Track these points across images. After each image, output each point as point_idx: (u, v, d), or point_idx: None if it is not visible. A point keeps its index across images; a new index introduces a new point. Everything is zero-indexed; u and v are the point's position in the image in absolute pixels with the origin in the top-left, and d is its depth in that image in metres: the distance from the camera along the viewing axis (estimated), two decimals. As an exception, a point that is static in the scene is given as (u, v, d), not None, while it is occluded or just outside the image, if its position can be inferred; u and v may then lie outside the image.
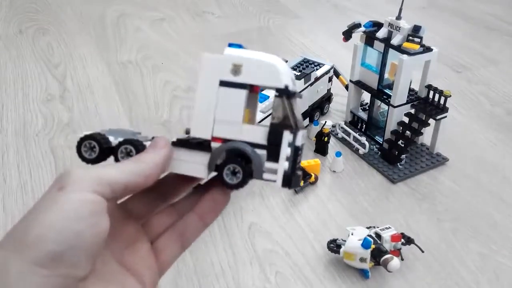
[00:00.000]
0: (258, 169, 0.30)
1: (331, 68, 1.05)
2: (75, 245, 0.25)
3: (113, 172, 0.28)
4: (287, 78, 0.30)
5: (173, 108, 1.10)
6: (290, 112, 0.30)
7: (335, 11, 1.69)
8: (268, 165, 0.30)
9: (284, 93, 0.30)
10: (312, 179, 0.86)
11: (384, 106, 0.95)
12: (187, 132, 0.32)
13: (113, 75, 1.23)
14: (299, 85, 0.94)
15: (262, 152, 0.30)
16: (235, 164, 0.30)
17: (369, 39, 0.92)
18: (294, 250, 0.75)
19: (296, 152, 0.30)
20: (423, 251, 0.72)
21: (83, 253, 0.26)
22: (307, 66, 1.03)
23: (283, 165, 0.30)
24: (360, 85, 0.98)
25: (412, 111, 0.92)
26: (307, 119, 1.02)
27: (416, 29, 0.85)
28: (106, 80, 1.21)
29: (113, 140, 0.32)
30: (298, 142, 0.30)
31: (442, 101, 0.89)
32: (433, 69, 0.89)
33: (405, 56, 0.84)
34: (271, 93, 0.91)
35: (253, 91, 0.32)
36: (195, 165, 0.31)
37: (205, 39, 1.45)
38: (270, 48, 1.40)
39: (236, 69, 0.30)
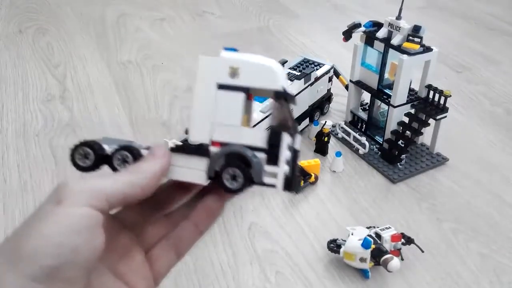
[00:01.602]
0: (258, 172, 0.29)
1: (331, 68, 1.05)
2: (71, 260, 0.25)
3: (110, 184, 0.27)
4: (284, 80, 0.30)
5: (173, 108, 1.10)
6: (289, 114, 0.30)
7: (335, 11, 1.69)
8: (268, 168, 0.29)
9: (282, 96, 0.30)
10: (312, 179, 0.86)
11: (384, 106, 0.95)
12: (187, 132, 0.32)
13: (113, 75, 1.23)
14: (299, 85, 0.94)
15: (262, 156, 0.30)
16: (235, 168, 0.29)
17: (369, 39, 0.92)
18: (294, 250, 0.75)
19: (295, 155, 0.30)
20: (423, 251, 0.72)
21: (78, 268, 0.25)
22: (307, 66, 1.03)
23: (283, 168, 0.29)
24: (360, 85, 0.98)
25: (412, 111, 0.92)
26: (307, 119, 1.02)
27: (416, 29, 0.85)
28: (106, 80, 1.21)
29: (108, 148, 0.31)
30: (297, 145, 0.30)
31: (442, 101, 0.89)
32: (433, 69, 0.89)
33: (405, 56, 0.84)
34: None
35: (248, 98, 0.32)
36: (194, 171, 0.30)
37: (205, 39, 1.45)
38: (270, 48, 1.40)
39: (234, 72, 0.30)
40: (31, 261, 0.24)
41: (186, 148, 0.30)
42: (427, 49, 0.86)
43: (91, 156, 0.31)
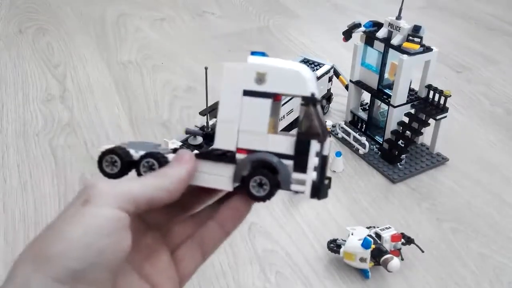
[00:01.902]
0: (286, 180, 0.29)
1: (331, 68, 1.05)
2: (97, 263, 0.25)
3: (138, 187, 0.27)
4: (312, 85, 0.29)
5: (173, 108, 1.10)
6: (317, 120, 0.29)
7: (335, 11, 1.69)
8: (295, 175, 0.29)
9: (311, 101, 0.29)
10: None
11: (384, 106, 0.95)
12: (187, 132, 0.32)
13: (113, 75, 1.23)
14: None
15: (289, 163, 0.29)
16: (262, 176, 0.29)
17: (369, 39, 0.92)
18: (294, 250, 0.75)
19: (324, 161, 0.29)
20: (423, 251, 0.72)
21: (104, 270, 0.25)
22: (307, 66, 1.03)
23: (311, 175, 0.29)
24: (360, 85, 0.98)
25: (412, 111, 0.92)
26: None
27: (416, 29, 0.85)
28: (106, 80, 1.21)
29: (135, 154, 0.31)
30: (326, 151, 0.29)
31: (442, 101, 0.89)
32: (433, 69, 0.89)
33: (405, 56, 0.84)
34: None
35: (276, 100, 0.31)
36: (220, 177, 0.30)
37: (205, 39, 1.45)
38: (270, 48, 1.40)
39: (260, 78, 0.29)
40: (57, 264, 0.24)
41: (211, 155, 0.30)
42: (427, 49, 0.86)
43: (118, 163, 0.31)
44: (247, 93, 0.29)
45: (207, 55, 1.34)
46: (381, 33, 0.89)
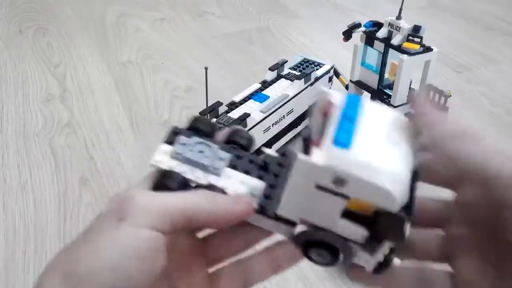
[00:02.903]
0: (347, 260, 0.27)
1: (331, 68, 1.05)
2: (126, 286, 0.23)
3: (177, 203, 0.25)
4: (401, 197, 0.24)
5: (173, 108, 1.10)
6: (399, 232, 0.24)
7: (335, 11, 1.69)
8: (361, 254, 0.26)
9: (397, 218, 0.24)
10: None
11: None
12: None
13: (113, 75, 1.23)
14: (299, 85, 0.94)
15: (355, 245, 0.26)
16: (322, 250, 0.27)
17: (369, 39, 0.92)
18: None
19: (393, 250, 0.26)
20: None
21: None
22: (307, 66, 1.03)
23: (378, 258, 0.26)
24: (360, 85, 0.98)
25: (412, 111, 0.91)
26: (307, 119, 1.02)
27: (416, 29, 0.85)
28: (106, 80, 1.21)
29: (192, 177, 0.27)
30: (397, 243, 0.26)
31: (442, 101, 0.89)
32: (433, 69, 0.89)
33: (405, 56, 0.84)
34: (272, 93, 0.91)
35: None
36: (279, 229, 0.28)
37: (205, 39, 1.45)
38: (270, 48, 1.40)
39: (340, 182, 0.23)
40: (87, 283, 0.23)
41: (271, 215, 0.27)
42: (427, 49, 0.86)
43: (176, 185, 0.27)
44: (321, 188, 0.24)
45: (207, 55, 1.34)
46: (381, 33, 0.89)
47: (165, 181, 0.27)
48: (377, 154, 0.23)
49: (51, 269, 0.24)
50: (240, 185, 0.28)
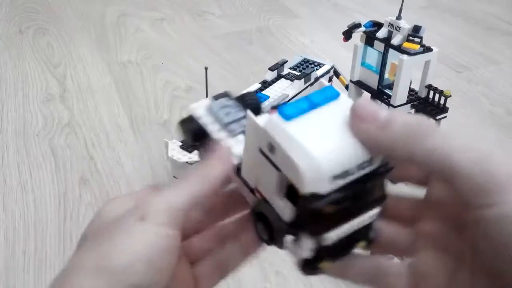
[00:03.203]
0: (278, 241, 0.28)
1: (331, 68, 1.05)
2: (156, 280, 0.25)
3: (183, 199, 0.27)
4: (315, 185, 0.23)
5: (173, 108, 1.10)
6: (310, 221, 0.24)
7: (335, 11, 1.69)
8: (288, 239, 0.27)
9: (306, 204, 0.23)
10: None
11: (384, 107, 0.95)
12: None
13: (113, 75, 1.23)
14: (299, 85, 0.94)
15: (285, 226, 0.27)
16: (263, 225, 0.28)
17: (369, 39, 0.92)
18: (294, 250, 0.74)
19: (324, 249, 0.26)
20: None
21: None
22: (307, 66, 1.03)
23: (302, 253, 0.27)
24: (360, 85, 0.98)
25: (412, 111, 0.92)
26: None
27: (416, 29, 0.85)
28: (106, 80, 1.21)
29: (209, 129, 0.29)
30: (327, 241, 0.26)
31: (442, 101, 0.89)
32: (433, 69, 0.89)
33: (405, 56, 0.84)
34: (272, 93, 0.91)
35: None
36: (248, 197, 0.29)
37: (205, 39, 1.45)
38: (270, 48, 1.40)
39: (271, 149, 0.24)
40: (121, 278, 0.24)
41: (242, 178, 0.28)
42: (427, 49, 0.86)
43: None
44: (261, 152, 0.25)
45: (207, 55, 1.34)
46: (381, 33, 0.89)
47: (186, 123, 0.30)
48: (312, 137, 0.23)
49: (76, 267, 0.25)
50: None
